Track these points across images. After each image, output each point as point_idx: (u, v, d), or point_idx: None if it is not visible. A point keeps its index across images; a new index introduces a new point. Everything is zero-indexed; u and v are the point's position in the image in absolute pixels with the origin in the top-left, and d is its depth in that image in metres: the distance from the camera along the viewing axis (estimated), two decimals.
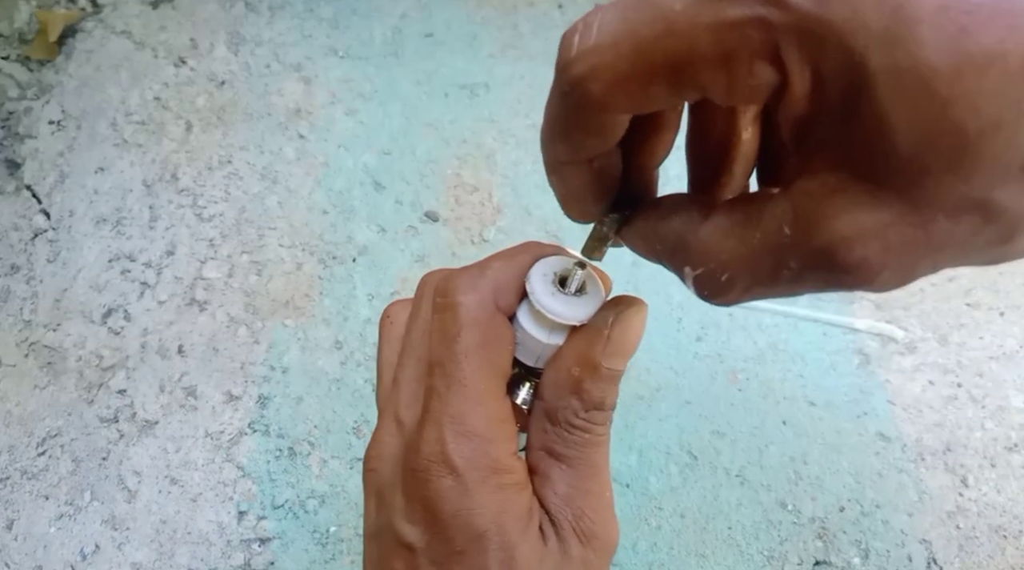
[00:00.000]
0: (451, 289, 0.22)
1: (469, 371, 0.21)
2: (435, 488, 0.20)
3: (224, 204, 0.65)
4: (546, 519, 0.22)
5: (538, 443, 0.22)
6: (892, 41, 0.13)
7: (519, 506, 0.21)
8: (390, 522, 0.22)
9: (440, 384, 0.21)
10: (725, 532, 0.51)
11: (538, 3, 0.77)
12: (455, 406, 0.21)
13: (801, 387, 0.56)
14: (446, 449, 0.20)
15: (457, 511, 0.20)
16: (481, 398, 0.21)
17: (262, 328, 0.59)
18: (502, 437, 0.21)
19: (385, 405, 0.24)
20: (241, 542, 0.50)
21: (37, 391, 0.57)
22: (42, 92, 0.71)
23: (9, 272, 0.62)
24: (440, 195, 0.65)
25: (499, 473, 0.21)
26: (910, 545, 0.50)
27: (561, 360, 0.22)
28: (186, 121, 0.70)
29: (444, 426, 0.21)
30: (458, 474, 0.20)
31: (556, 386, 0.22)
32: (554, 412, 0.22)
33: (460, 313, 0.21)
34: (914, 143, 0.13)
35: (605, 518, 0.22)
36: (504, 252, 0.23)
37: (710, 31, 0.14)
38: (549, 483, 0.22)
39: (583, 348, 0.22)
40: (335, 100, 0.71)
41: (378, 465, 0.23)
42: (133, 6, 0.76)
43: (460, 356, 0.21)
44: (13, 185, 0.66)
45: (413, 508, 0.21)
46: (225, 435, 0.54)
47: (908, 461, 0.53)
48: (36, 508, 0.52)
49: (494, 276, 0.22)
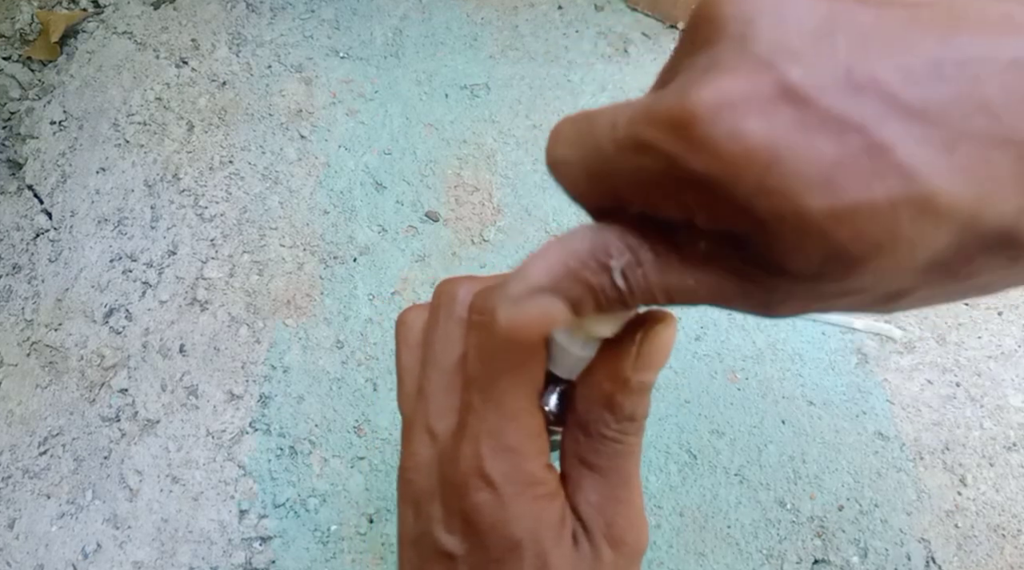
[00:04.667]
0: (488, 308, 0.22)
1: (506, 388, 0.22)
2: (473, 501, 0.21)
3: (225, 204, 0.65)
4: (579, 526, 0.23)
5: (571, 452, 0.23)
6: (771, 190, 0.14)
7: (552, 515, 0.22)
8: (429, 531, 0.23)
9: (477, 400, 0.22)
10: (724, 531, 0.51)
11: (538, 4, 0.77)
12: (492, 422, 0.22)
13: (800, 386, 0.57)
14: (483, 464, 0.21)
15: (494, 522, 0.21)
16: (516, 414, 0.22)
17: (263, 328, 0.59)
18: (536, 451, 0.22)
19: (413, 414, 0.24)
20: (242, 541, 0.51)
21: (39, 390, 0.57)
22: (44, 92, 0.72)
23: (11, 272, 0.62)
24: (440, 195, 0.65)
25: (533, 486, 0.22)
26: (909, 544, 0.51)
27: (593, 374, 0.23)
28: (188, 121, 0.70)
29: (481, 442, 0.21)
30: (495, 488, 0.21)
31: (588, 400, 0.23)
32: (587, 424, 0.23)
33: (498, 332, 0.22)
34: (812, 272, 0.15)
35: (636, 525, 0.23)
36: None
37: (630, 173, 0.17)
38: (582, 492, 0.23)
39: (613, 363, 0.22)
40: (336, 101, 0.71)
41: (414, 476, 0.24)
42: (135, 7, 0.77)
43: (496, 375, 0.22)
44: (15, 185, 0.67)
45: (452, 519, 0.22)
46: (226, 434, 0.55)
47: (907, 460, 0.54)
48: (38, 507, 0.52)
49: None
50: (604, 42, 0.74)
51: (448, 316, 0.24)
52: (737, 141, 0.14)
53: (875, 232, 0.13)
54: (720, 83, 0.14)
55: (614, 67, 0.71)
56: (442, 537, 0.22)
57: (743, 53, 0.14)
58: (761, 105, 0.14)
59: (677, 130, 0.15)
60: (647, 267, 0.17)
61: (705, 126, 0.14)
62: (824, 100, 0.13)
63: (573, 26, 0.75)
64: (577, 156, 0.18)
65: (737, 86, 0.14)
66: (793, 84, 0.14)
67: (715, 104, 0.14)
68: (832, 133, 0.13)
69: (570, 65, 0.73)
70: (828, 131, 0.13)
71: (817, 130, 0.13)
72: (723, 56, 0.15)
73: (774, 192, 0.14)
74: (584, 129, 0.18)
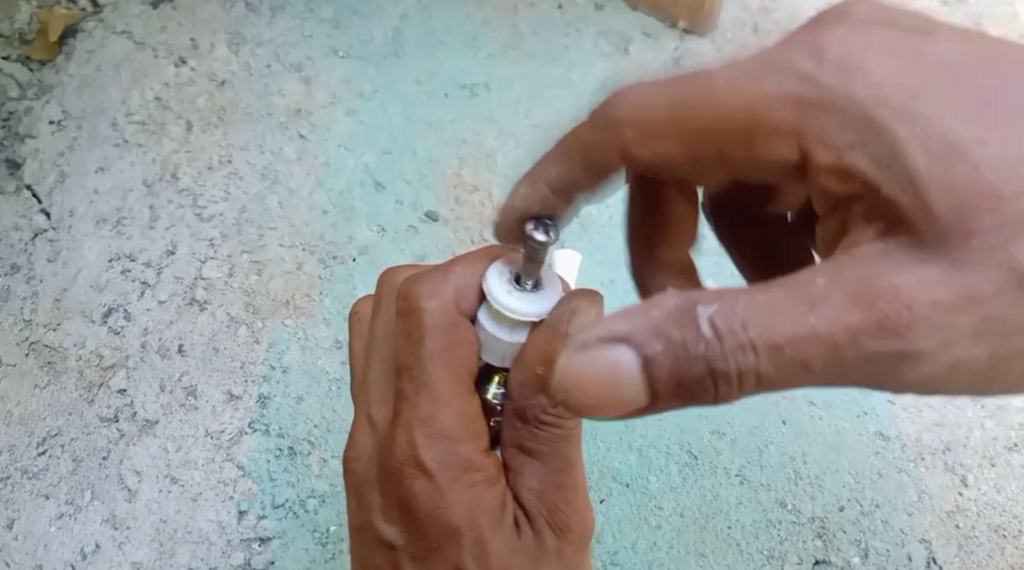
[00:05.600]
0: (414, 294, 0.22)
1: (435, 375, 0.21)
2: (409, 489, 0.21)
3: (224, 204, 0.65)
4: (520, 513, 0.22)
5: (510, 440, 0.23)
6: (917, 115, 0.14)
7: (491, 501, 0.22)
8: (369, 520, 0.23)
9: (408, 388, 0.22)
10: (725, 531, 0.51)
11: (538, 3, 0.77)
12: (424, 409, 0.21)
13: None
14: (417, 451, 0.21)
15: (431, 510, 0.21)
16: (448, 400, 0.21)
17: (262, 328, 0.59)
18: (471, 435, 0.22)
19: (357, 402, 0.24)
20: (241, 541, 0.51)
21: (37, 391, 0.57)
22: (42, 92, 0.72)
23: (9, 272, 0.62)
24: (440, 195, 0.65)
25: (470, 471, 0.21)
26: (910, 544, 0.50)
27: (524, 358, 0.22)
28: (186, 121, 0.70)
29: (414, 429, 0.21)
30: (430, 475, 0.21)
31: (522, 385, 0.22)
32: (523, 410, 0.22)
33: (424, 318, 0.22)
34: (951, 206, 0.13)
35: (580, 510, 0.23)
36: (466, 255, 0.23)
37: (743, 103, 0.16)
38: (522, 479, 0.23)
39: (544, 345, 0.22)
40: (335, 100, 0.71)
41: (355, 465, 0.24)
42: (133, 6, 0.76)
43: (426, 361, 0.21)
44: (13, 185, 0.67)
45: (390, 507, 0.22)
46: (225, 435, 0.54)
47: (908, 460, 0.54)
48: (36, 507, 0.52)
49: (456, 280, 0.22)
50: (604, 41, 0.74)
51: (389, 305, 0.24)
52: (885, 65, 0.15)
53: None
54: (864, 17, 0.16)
55: (614, 66, 0.71)
56: (382, 527, 0.22)
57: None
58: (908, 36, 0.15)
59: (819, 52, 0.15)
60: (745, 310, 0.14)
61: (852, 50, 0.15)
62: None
63: (573, 25, 0.75)
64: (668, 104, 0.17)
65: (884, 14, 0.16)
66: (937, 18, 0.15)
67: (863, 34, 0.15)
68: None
69: (570, 64, 0.72)
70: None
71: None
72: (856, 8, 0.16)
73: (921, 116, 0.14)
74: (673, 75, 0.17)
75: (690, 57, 0.71)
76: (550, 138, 0.21)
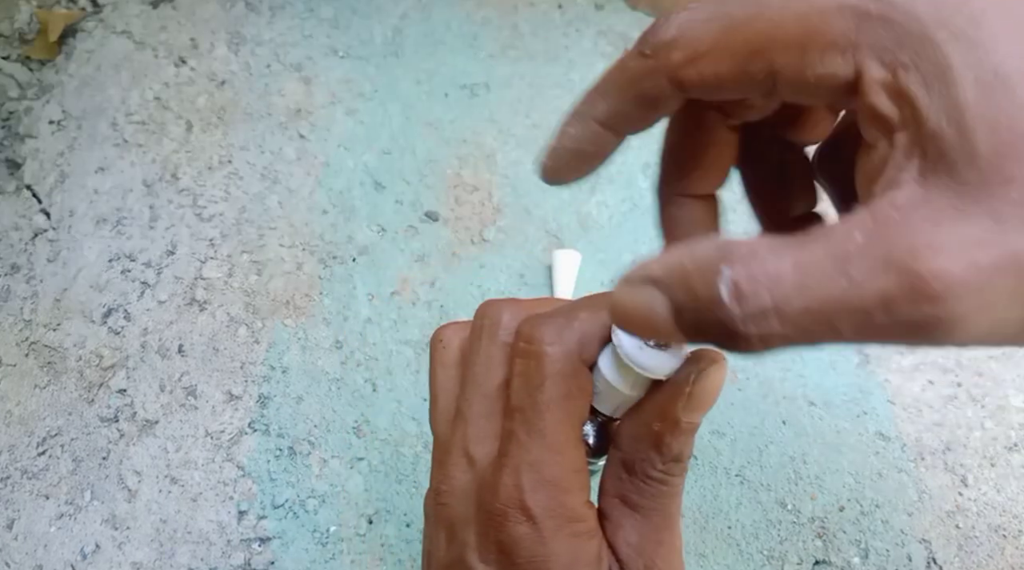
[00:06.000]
0: (537, 337, 0.22)
1: (550, 421, 0.21)
2: (511, 533, 0.21)
3: (224, 204, 0.65)
4: (616, 566, 0.22)
5: (613, 491, 0.23)
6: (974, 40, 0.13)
7: (589, 554, 0.22)
8: (463, 557, 0.22)
9: (521, 431, 0.21)
10: (725, 531, 0.51)
11: (538, 3, 0.77)
12: (534, 454, 0.21)
13: (801, 387, 0.56)
14: (523, 496, 0.21)
15: (532, 557, 0.21)
16: (560, 448, 0.21)
17: (262, 328, 0.59)
18: (577, 487, 0.22)
19: (450, 437, 0.24)
20: (241, 541, 0.51)
21: (37, 391, 0.57)
22: (42, 92, 0.72)
23: (9, 272, 0.62)
24: (440, 195, 0.65)
25: (573, 522, 0.21)
26: (910, 544, 0.50)
27: (642, 414, 0.22)
28: (186, 121, 0.70)
29: (522, 473, 0.21)
30: (534, 522, 0.21)
31: (635, 439, 0.22)
32: (632, 463, 0.22)
33: (545, 364, 0.21)
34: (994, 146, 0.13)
35: (675, 568, 0.23)
36: (591, 300, 0.23)
37: (797, 15, 0.15)
38: (622, 531, 0.22)
39: (665, 403, 0.22)
40: (335, 100, 0.71)
41: (450, 500, 0.23)
42: (133, 6, 0.76)
43: (542, 407, 0.21)
44: (13, 185, 0.67)
45: (487, 549, 0.22)
46: (225, 435, 0.54)
47: (908, 460, 0.54)
48: (36, 507, 0.52)
49: (580, 327, 0.22)
50: (604, 41, 0.74)
51: (491, 340, 0.23)
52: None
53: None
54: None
55: None
56: (477, 566, 0.22)
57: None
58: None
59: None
60: (773, 273, 0.14)
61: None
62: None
63: (573, 25, 0.75)
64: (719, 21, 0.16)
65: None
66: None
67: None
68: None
69: (570, 64, 0.72)
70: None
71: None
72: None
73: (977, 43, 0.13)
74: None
75: None
76: (549, 137, 0.21)
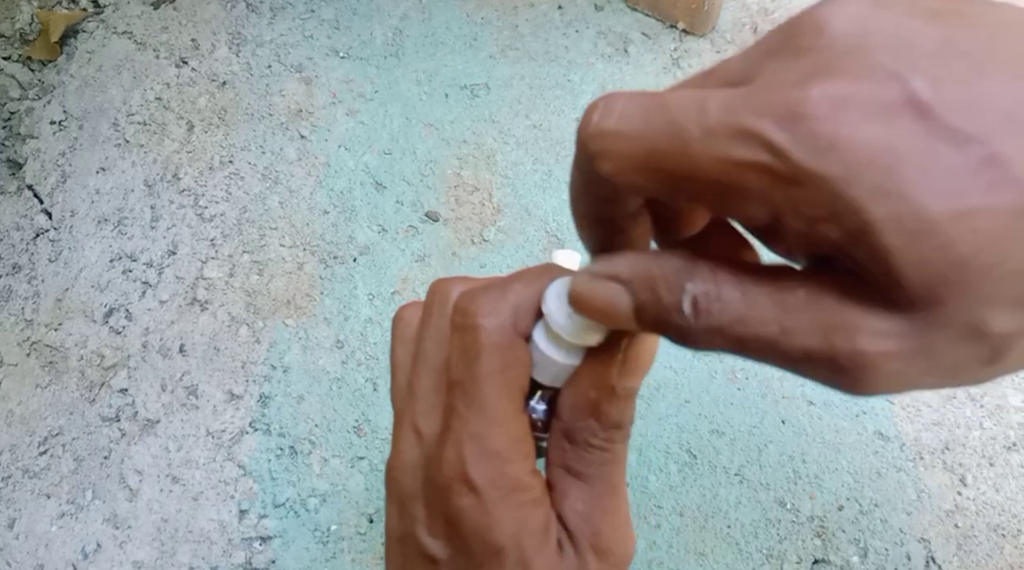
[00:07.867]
0: (471, 310, 0.22)
1: (489, 393, 0.21)
2: (455, 505, 0.21)
3: (225, 204, 0.65)
4: (564, 534, 0.23)
5: (557, 461, 0.23)
6: (890, 193, 0.14)
7: (536, 522, 0.22)
8: (412, 531, 0.23)
9: (460, 404, 0.22)
10: (724, 530, 0.51)
11: (538, 4, 0.77)
12: (475, 426, 0.21)
13: (800, 386, 0.57)
14: (466, 468, 0.21)
15: (476, 527, 0.21)
16: (500, 419, 0.22)
17: (263, 327, 0.59)
18: (520, 456, 0.22)
19: (402, 410, 0.24)
20: (242, 541, 0.51)
21: (39, 390, 0.57)
22: (44, 92, 0.72)
23: (11, 272, 0.62)
24: (440, 195, 0.65)
25: (517, 491, 0.22)
26: (909, 544, 0.51)
27: (578, 382, 0.23)
28: (187, 121, 0.70)
29: (465, 445, 0.21)
30: (478, 493, 0.21)
31: (574, 408, 0.23)
32: (572, 432, 0.23)
33: (481, 336, 0.22)
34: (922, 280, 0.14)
35: (622, 534, 0.23)
36: (524, 273, 0.23)
37: (716, 161, 0.16)
38: (568, 500, 0.23)
39: (599, 370, 0.22)
40: (336, 100, 0.71)
41: (399, 475, 0.24)
42: (135, 6, 0.77)
43: (480, 379, 0.21)
44: (15, 185, 0.67)
45: (435, 522, 0.22)
46: (226, 434, 0.55)
47: (907, 460, 0.54)
48: (38, 507, 0.52)
49: (514, 298, 0.22)
50: (604, 42, 0.74)
51: (441, 315, 0.24)
52: (859, 142, 0.14)
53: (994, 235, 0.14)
54: (842, 85, 0.15)
55: (614, 67, 0.71)
56: (425, 539, 0.22)
57: (864, 63, 0.15)
58: (885, 111, 0.14)
59: (792, 123, 0.15)
60: (726, 301, 0.16)
61: (825, 123, 0.14)
62: (947, 113, 0.14)
63: (573, 26, 0.75)
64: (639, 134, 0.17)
65: (861, 90, 0.14)
66: (918, 96, 0.14)
67: (838, 103, 0.14)
68: (954, 144, 0.14)
69: (570, 65, 0.72)
70: (950, 142, 0.14)
71: (939, 140, 0.14)
72: (840, 63, 0.15)
73: (893, 194, 0.14)
74: (654, 107, 0.17)
75: (689, 58, 0.71)
76: (549, 138, 0.21)
